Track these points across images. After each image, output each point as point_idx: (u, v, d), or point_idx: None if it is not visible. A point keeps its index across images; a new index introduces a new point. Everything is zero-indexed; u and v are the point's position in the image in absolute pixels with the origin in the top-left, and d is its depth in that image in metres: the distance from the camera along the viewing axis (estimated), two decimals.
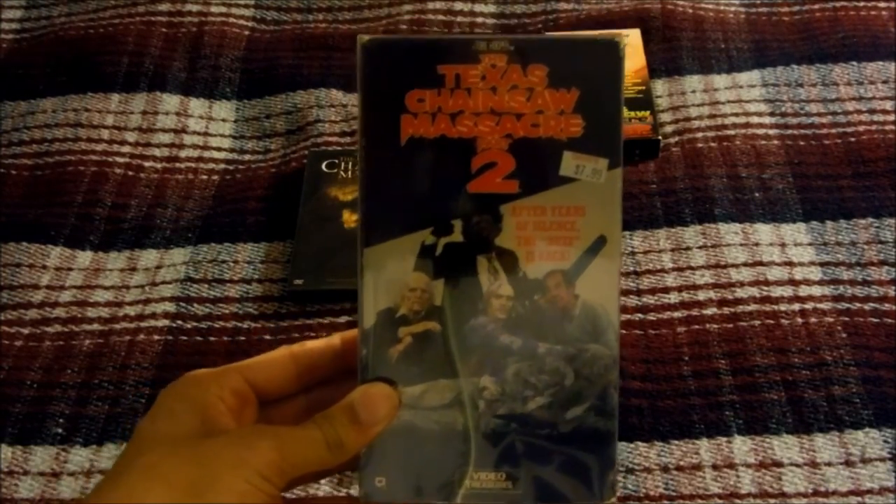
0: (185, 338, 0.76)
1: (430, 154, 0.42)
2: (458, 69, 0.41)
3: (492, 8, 1.02)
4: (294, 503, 0.45)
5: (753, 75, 0.92)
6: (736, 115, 0.88)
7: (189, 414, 0.40)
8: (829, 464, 0.65)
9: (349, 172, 0.84)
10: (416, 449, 0.43)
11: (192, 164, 0.90)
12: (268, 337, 0.75)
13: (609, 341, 0.42)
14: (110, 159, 0.89)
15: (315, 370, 0.44)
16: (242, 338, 0.75)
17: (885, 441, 0.66)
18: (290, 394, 0.44)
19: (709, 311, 0.74)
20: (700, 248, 0.78)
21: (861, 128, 0.86)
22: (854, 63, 0.91)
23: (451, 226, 0.42)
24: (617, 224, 0.42)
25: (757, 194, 0.82)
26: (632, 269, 0.78)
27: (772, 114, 0.88)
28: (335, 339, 0.45)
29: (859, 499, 0.63)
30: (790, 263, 0.76)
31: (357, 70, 0.42)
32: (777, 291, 0.74)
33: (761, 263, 0.76)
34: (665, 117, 0.89)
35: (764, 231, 0.79)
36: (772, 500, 0.63)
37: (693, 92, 0.91)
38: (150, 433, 0.40)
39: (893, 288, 0.74)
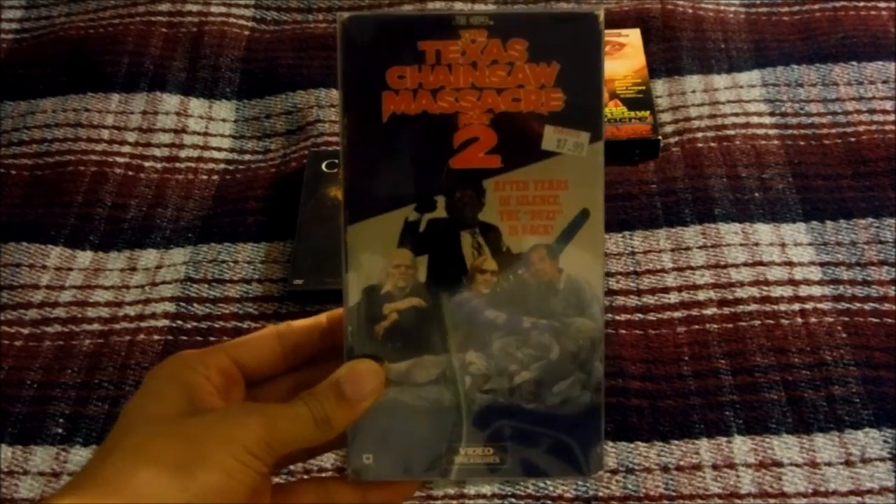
0: (185, 338, 0.76)
1: (412, 130, 0.42)
2: (439, 45, 0.41)
3: (492, 8, 1.02)
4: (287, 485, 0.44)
5: (753, 75, 0.92)
6: (736, 115, 0.88)
7: (176, 394, 0.40)
8: (829, 464, 0.65)
9: None
10: (403, 426, 0.42)
11: (192, 164, 0.90)
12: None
13: (594, 314, 0.42)
14: (110, 159, 0.89)
15: (301, 349, 0.44)
16: None
17: (885, 441, 0.66)
18: (277, 373, 0.44)
19: (709, 311, 0.74)
20: (700, 248, 0.78)
21: (861, 128, 0.86)
22: (854, 63, 0.91)
23: (434, 202, 0.42)
24: (600, 197, 0.41)
25: (757, 194, 0.82)
26: (632, 269, 0.78)
27: (772, 114, 0.88)
28: (321, 317, 0.45)
29: (859, 499, 0.63)
30: (790, 263, 0.76)
31: (337, 48, 0.42)
32: (777, 291, 0.74)
33: (761, 263, 0.76)
34: (665, 117, 0.89)
35: (764, 231, 0.79)
36: (772, 500, 0.63)
37: (693, 92, 0.91)
38: (137, 413, 0.39)
39: (893, 288, 0.74)
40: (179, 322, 0.76)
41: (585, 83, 0.41)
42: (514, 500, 0.64)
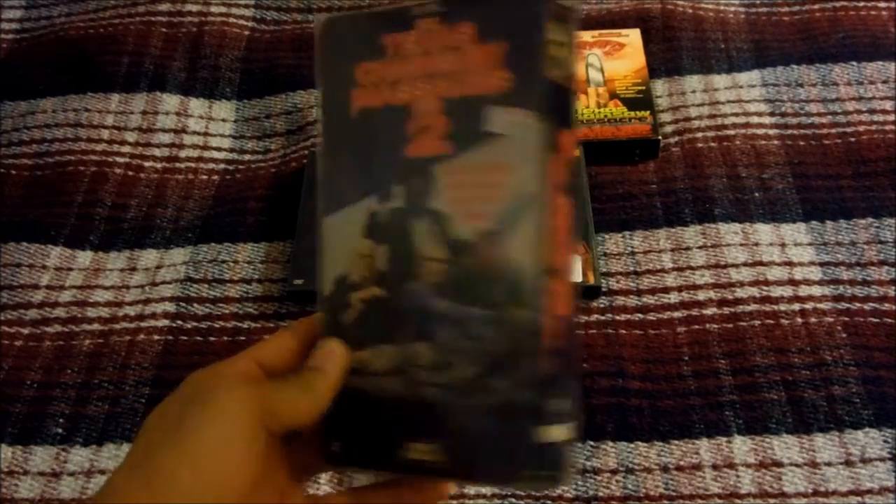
0: (185, 338, 0.76)
1: (375, 123, 0.42)
2: (397, 38, 0.41)
3: None
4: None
5: (753, 75, 0.92)
6: (736, 115, 0.88)
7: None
8: (829, 464, 0.65)
9: None
10: (364, 415, 0.42)
11: (192, 164, 0.90)
12: (268, 337, 0.75)
13: (534, 304, 0.38)
14: (110, 159, 0.89)
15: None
16: (242, 338, 0.75)
17: (885, 441, 0.66)
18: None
19: (709, 311, 0.74)
20: (700, 248, 0.78)
21: (861, 128, 0.86)
22: (854, 63, 0.91)
23: (392, 191, 0.42)
24: (542, 179, 0.39)
25: (757, 194, 0.82)
26: (632, 269, 0.78)
27: (772, 114, 0.88)
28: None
29: (859, 499, 0.63)
30: (790, 263, 0.76)
31: (316, 49, 0.42)
32: (777, 291, 0.74)
33: (761, 263, 0.76)
34: (665, 117, 0.89)
35: (764, 231, 0.79)
36: (772, 500, 0.63)
37: (693, 92, 0.91)
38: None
39: (893, 288, 0.74)
40: (179, 322, 0.76)
41: (530, 62, 0.39)
42: (514, 500, 0.65)
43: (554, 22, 0.39)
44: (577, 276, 0.75)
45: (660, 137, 0.86)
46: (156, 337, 0.76)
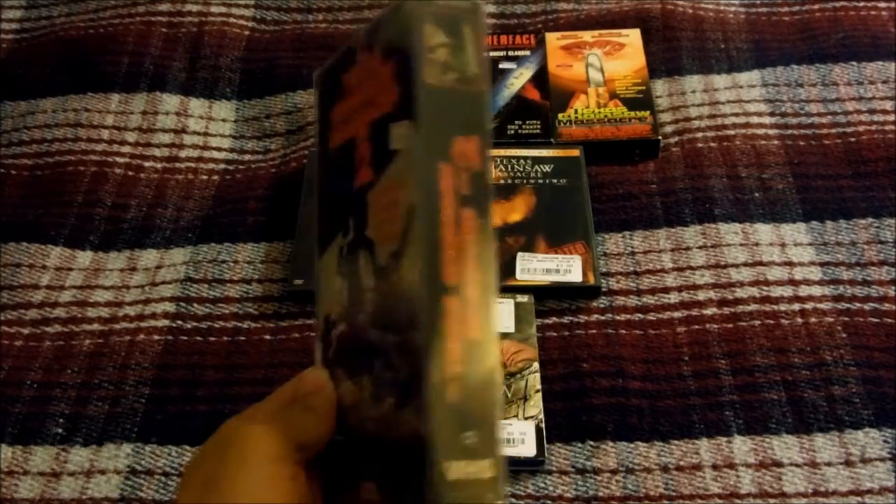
0: (185, 338, 0.76)
1: (339, 160, 0.43)
2: (349, 75, 0.42)
3: (492, 8, 1.02)
4: None
5: (753, 75, 0.92)
6: (736, 115, 0.88)
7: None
8: (829, 464, 0.65)
9: None
10: (338, 458, 0.41)
11: (192, 164, 0.90)
12: (268, 337, 0.75)
13: (428, 326, 0.35)
14: (110, 159, 0.89)
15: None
16: (242, 338, 0.75)
17: (885, 441, 0.66)
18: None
19: (709, 311, 0.74)
20: (700, 248, 0.78)
21: (861, 128, 0.86)
22: (854, 63, 0.91)
23: (349, 225, 0.41)
24: (426, 188, 0.36)
25: (757, 194, 0.82)
26: (632, 269, 0.78)
27: (772, 114, 0.88)
28: None
29: (859, 499, 0.63)
30: (790, 263, 0.76)
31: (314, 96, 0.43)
32: (777, 291, 0.74)
33: (761, 263, 0.76)
34: (665, 117, 0.89)
35: (764, 231, 0.79)
36: (772, 500, 0.63)
37: (693, 92, 0.91)
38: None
39: (893, 288, 0.74)
40: (179, 322, 0.76)
41: (408, 71, 0.37)
42: (514, 500, 0.65)
43: (435, 25, 0.37)
44: (577, 277, 0.75)
45: (660, 137, 0.86)
46: (156, 337, 0.76)
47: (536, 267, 0.76)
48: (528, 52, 0.95)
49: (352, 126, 0.41)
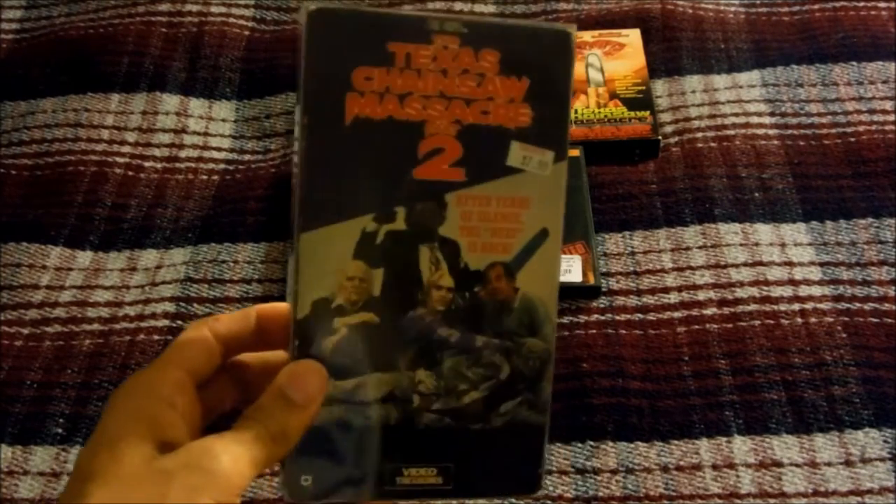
0: None
1: (376, 136, 0.39)
2: (409, 48, 0.39)
3: (491, 7, 1.02)
4: None
5: (753, 75, 0.92)
6: (736, 115, 0.88)
7: (140, 436, 0.36)
8: (828, 464, 0.65)
9: None
10: (346, 445, 0.40)
11: (192, 164, 0.90)
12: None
13: (546, 335, 0.42)
14: (110, 159, 0.89)
15: (233, 346, 0.42)
16: None
17: (885, 441, 0.66)
18: (216, 370, 0.42)
19: (709, 311, 0.74)
20: (700, 248, 0.78)
21: (861, 128, 0.86)
22: (854, 63, 0.91)
23: (395, 213, 0.40)
24: (560, 217, 0.41)
25: (757, 194, 0.82)
26: (632, 269, 0.78)
27: (772, 114, 0.88)
28: (250, 313, 0.43)
29: (859, 499, 0.63)
30: (790, 263, 0.76)
31: (301, 40, 0.38)
32: (777, 291, 0.74)
33: (761, 263, 0.76)
34: (665, 117, 0.89)
35: (764, 231, 0.79)
36: (772, 500, 0.63)
37: (693, 92, 0.91)
38: (99, 467, 0.35)
39: (893, 288, 0.74)
40: (179, 322, 0.76)
41: (553, 101, 0.40)
42: (513, 500, 0.65)
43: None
44: (577, 277, 0.75)
45: (660, 137, 0.86)
46: (156, 337, 0.76)
47: None
48: None
49: (411, 108, 0.39)
